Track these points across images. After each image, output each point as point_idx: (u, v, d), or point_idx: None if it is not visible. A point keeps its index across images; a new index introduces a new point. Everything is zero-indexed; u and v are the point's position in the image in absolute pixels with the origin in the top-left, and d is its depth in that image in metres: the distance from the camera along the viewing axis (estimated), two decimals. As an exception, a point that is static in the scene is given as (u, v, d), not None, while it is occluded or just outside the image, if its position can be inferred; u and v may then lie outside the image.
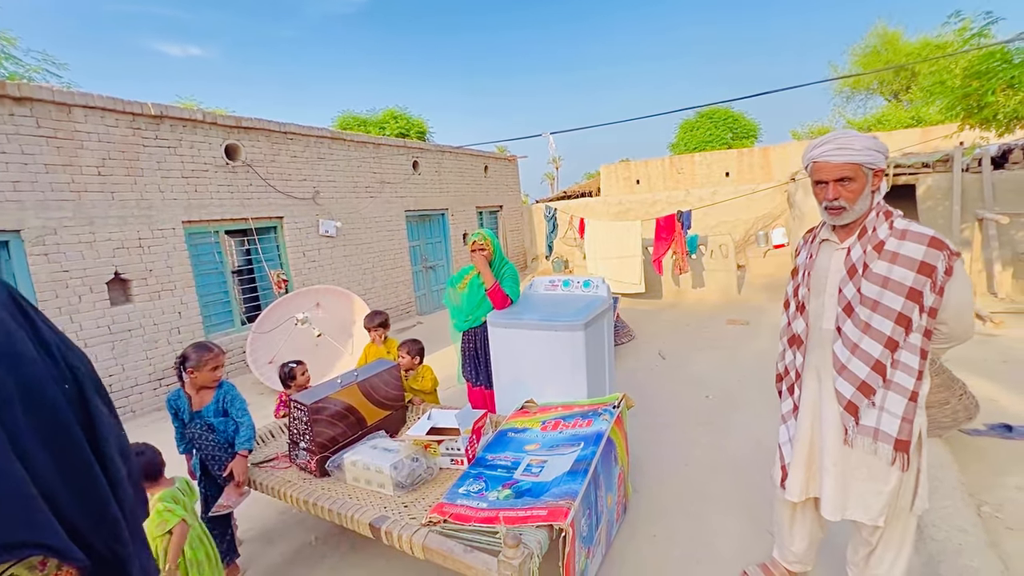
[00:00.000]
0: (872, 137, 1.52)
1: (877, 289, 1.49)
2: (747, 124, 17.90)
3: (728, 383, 4.40)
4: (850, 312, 1.54)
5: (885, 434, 1.52)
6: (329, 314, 5.89)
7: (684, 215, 7.66)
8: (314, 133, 6.76)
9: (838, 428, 1.61)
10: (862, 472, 1.59)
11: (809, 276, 1.69)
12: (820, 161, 1.54)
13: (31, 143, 4.21)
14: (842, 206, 1.52)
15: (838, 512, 1.64)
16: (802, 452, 1.75)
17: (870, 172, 1.51)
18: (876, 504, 1.58)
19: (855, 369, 1.54)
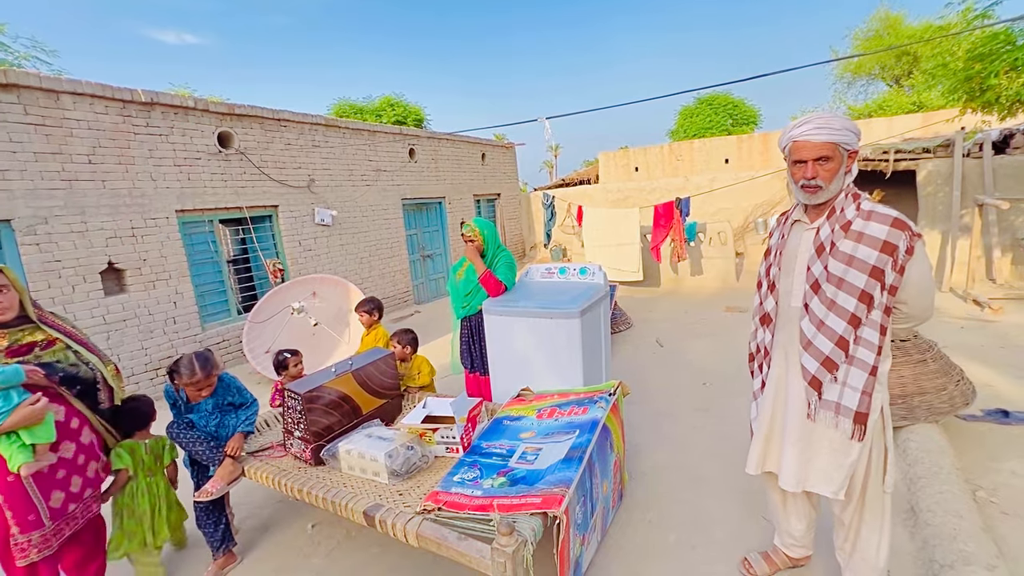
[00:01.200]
0: (849, 119, 1.57)
1: (842, 267, 1.53)
2: (747, 110, 17.73)
3: (725, 370, 4.40)
4: (817, 289, 1.59)
5: (846, 408, 1.58)
6: (326, 303, 5.87)
7: (683, 202, 7.61)
8: (308, 120, 6.67)
9: (802, 404, 1.67)
10: (824, 446, 1.65)
11: (780, 256, 1.74)
12: (801, 140, 1.58)
13: (19, 131, 4.14)
14: (819, 185, 1.56)
15: (799, 485, 1.71)
16: (763, 426, 1.81)
17: (846, 153, 1.56)
18: (837, 477, 1.64)
19: (820, 345, 1.59)
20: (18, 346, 1.90)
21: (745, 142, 13.42)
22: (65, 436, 1.96)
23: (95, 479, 2.11)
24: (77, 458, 2.02)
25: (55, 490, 1.92)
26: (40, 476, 1.88)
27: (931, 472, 2.44)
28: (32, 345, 1.93)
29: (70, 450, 1.98)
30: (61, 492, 1.94)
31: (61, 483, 1.95)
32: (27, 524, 1.84)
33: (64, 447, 1.96)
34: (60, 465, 1.95)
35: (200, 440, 2.33)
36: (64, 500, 1.95)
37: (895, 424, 2.84)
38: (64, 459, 1.96)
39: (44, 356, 1.96)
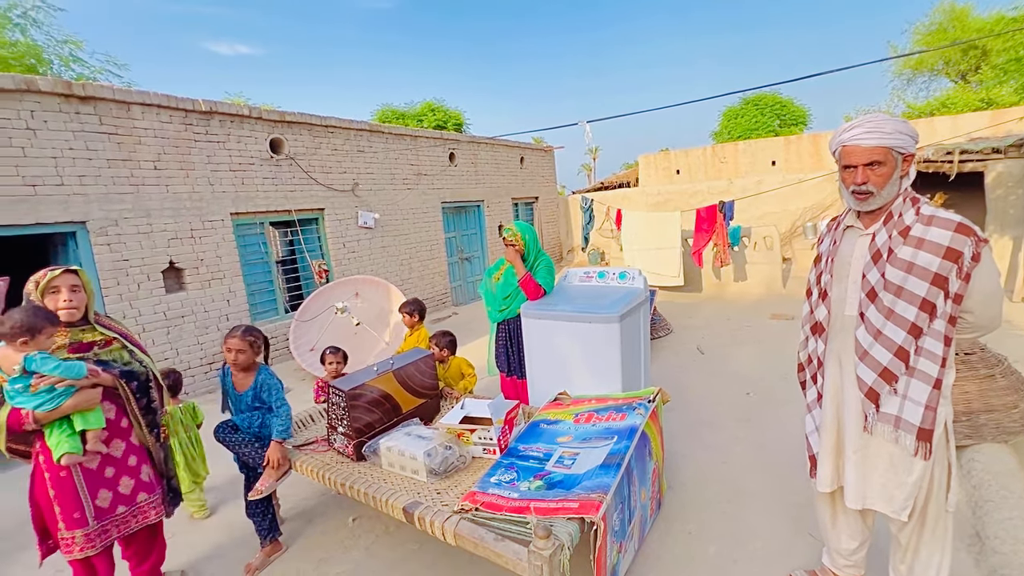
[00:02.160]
0: (903, 121, 1.50)
1: (901, 274, 1.46)
2: (796, 110, 17.05)
3: (771, 379, 4.24)
4: (873, 297, 1.53)
5: (907, 423, 1.50)
6: (367, 303, 6.04)
7: (726, 206, 7.40)
8: (354, 126, 6.90)
9: (859, 415, 1.60)
10: (882, 461, 1.58)
11: (832, 263, 1.68)
12: (850, 145, 1.52)
13: (95, 139, 4.48)
14: (870, 191, 1.50)
15: (860, 501, 1.63)
16: (829, 440, 1.74)
17: (900, 157, 1.49)
18: (899, 495, 1.56)
19: (877, 355, 1.52)
20: (79, 344, 1.96)
21: (793, 143, 12.90)
22: (115, 435, 2.01)
23: (149, 484, 2.11)
24: (127, 458, 2.04)
25: (102, 488, 1.96)
26: (88, 472, 1.92)
27: (1000, 496, 2.27)
28: (91, 344, 2.00)
29: (119, 449, 2.02)
30: (109, 491, 1.97)
31: (109, 482, 1.98)
32: (72, 521, 1.88)
33: (114, 445, 2.00)
34: (108, 462, 1.98)
35: (246, 442, 2.45)
36: (112, 500, 1.98)
37: (958, 443, 2.66)
38: (113, 457, 2.00)
39: (102, 355, 2.02)
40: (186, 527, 2.84)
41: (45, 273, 1.91)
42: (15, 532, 2.89)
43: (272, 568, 2.47)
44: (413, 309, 3.73)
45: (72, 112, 4.34)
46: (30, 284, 1.91)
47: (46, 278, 1.89)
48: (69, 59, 10.95)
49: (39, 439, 1.87)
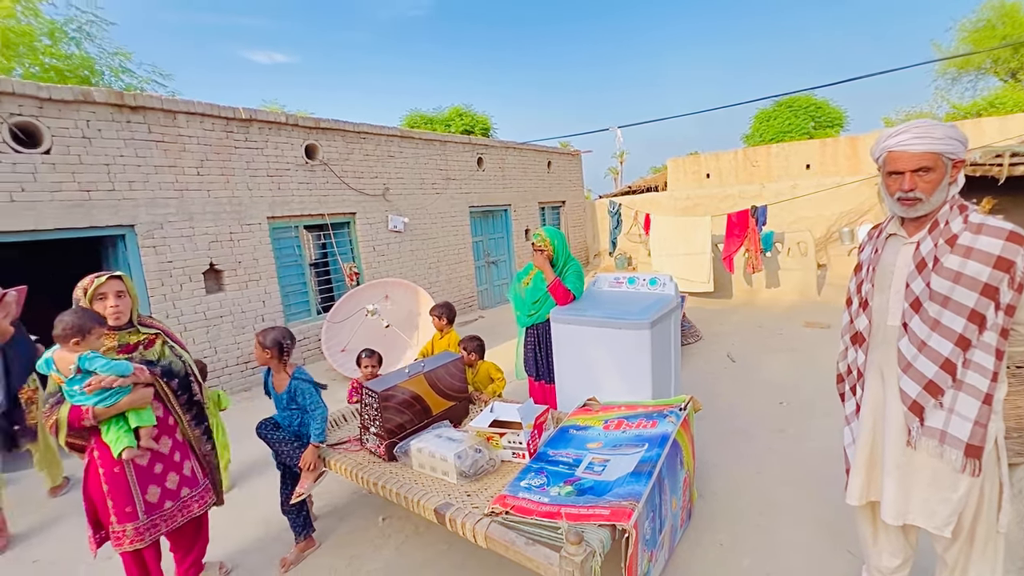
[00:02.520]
0: (953, 126, 1.46)
1: (948, 284, 1.42)
2: (831, 112, 16.54)
3: (805, 389, 4.13)
4: (918, 308, 1.48)
5: (954, 438, 1.45)
6: (397, 306, 6.14)
7: (759, 210, 7.24)
8: (385, 132, 7.04)
9: (901, 429, 1.55)
10: (925, 476, 1.53)
11: (874, 271, 1.63)
12: (897, 151, 1.48)
13: (144, 147, 4.71)
14: (918, 197, 1.47)
15: (900, 517, 1.58)
16: (863, 453, 1.70)
17: (949, 163, 1.45)
18: (942, 511, 1.51)
19: (921, 367, 1.47)
20: (126, 346, 2.07)
21: (829, 146, 12.53)
22: (163, 431, 2.11)
23: (192, 478, 2.20)
24: (173, 454, 2.14)
25: (152, 484, 2.06)
26: (139, 469, 2.01)
27: (1056, 518, 2.16)
28: (136, 345, 2.10)
29: (167, 445, 2.12)
30: (157, 487, 2.07)
31: (158, 478, 2.08)
32: (124, 515, 1.97)
33: (162, 441, 2.10)
34: (157, 459, 2.08)
35: (285, 441, 2.53)
36: (160, 496, 2.08)
37: (1011, 460, 2.53)
38: (160, 453, 2.09)
39: (147, 355, 2.11)
40: (223, 520, 2.94)
41: (92, 280, 1.99)
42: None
43: (305, 563, 2.54)
44: (443, 312, 3.77)
45: (124, 121, 4.57)
46: (78, 291, 1.99)
47: (93, 285, 1.98)
48: (119, 70, 11.53)
49: (95, 436, 1.97)
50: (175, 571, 2.30)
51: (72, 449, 2.01)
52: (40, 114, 4.12)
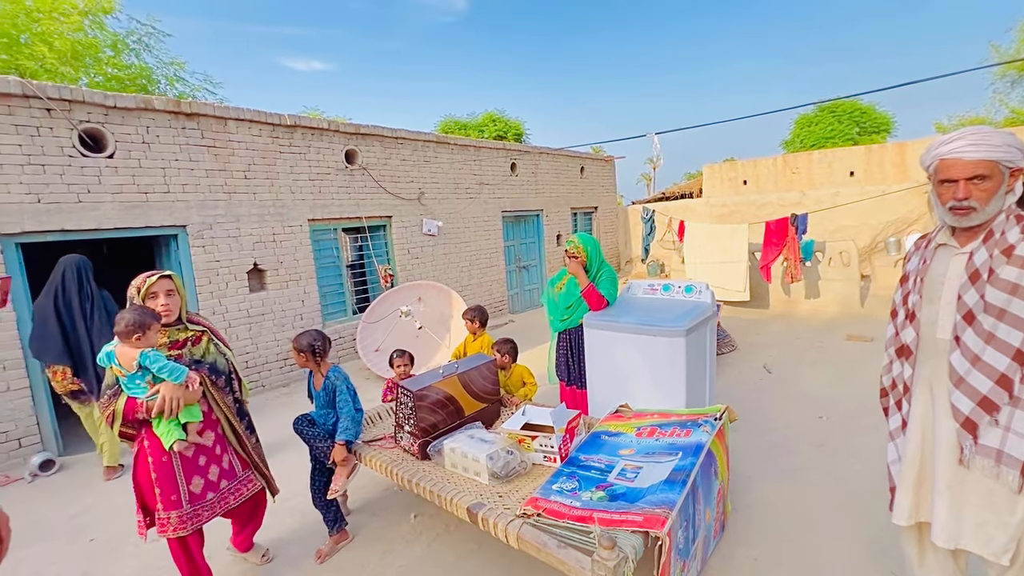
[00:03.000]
0: (1011, 133, 1.41)
1: (1005, 296, 1.37)
2: (878, 117, 15.92)
3: (846, 404, 3.98)
4: (971, 320, 1.43)
5: (1011, 457, 1.38)
6: (429, 308, 6.25)
7: (799, 218, 7.04)
8: (421, 138, 7.19)
9: (953, 446, 1.49)
10: (979, 498, 1.46)
11: (922, 282, 1.58)
12: (950, 158, 1.45)
13: (197, 152, 4.97)
14: (972, 206, 1.42)
15: (952, 540, 1.51)
16: (911, 471, 1.63)
17: (1007, 171, 1.41)
18: (1000, 537, 1.43)
19: (975, 382, 1.42)
20: (175, 342, 2.17)
21: (875, 153, 12.06)
22: (206, 426, 2.21)
23: (230, 471, 2.29)
24: (215, 447, 2.23)
25: (196, 475, 2.15)
26: (185, 460, 2.11)
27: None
28: (185, 341, 2.20)
29: (210, 439, 2.21)
30: (201, 479, 2.17)
31: (201, 470, 2.18)
32: (169, 503, 2.07)
33: (206, 435, 2.19)
34: (201, 451, 2.18)
35: (319, 437, 2.62)
36: (203, 487, 2.17)
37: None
38: (205, 447, 2.18)
39: (194, 351, 2.21)
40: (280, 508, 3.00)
41: (144, 279, 2.10)
42: (121, 502, 3.21)
43: (340, 556, 2.62)
44: (475, 315, 3.82)
45: (179, 127, 4.84)
46: (132, 289, 2.11)
47: (146, 284, 2.08)
48: (173, 79, 12.18)
49: (146, 427, 2.08)
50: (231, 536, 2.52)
51: (123, 438, 2.13)
52: (106, 121, 4.40)
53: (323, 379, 2.65)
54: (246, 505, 2.39)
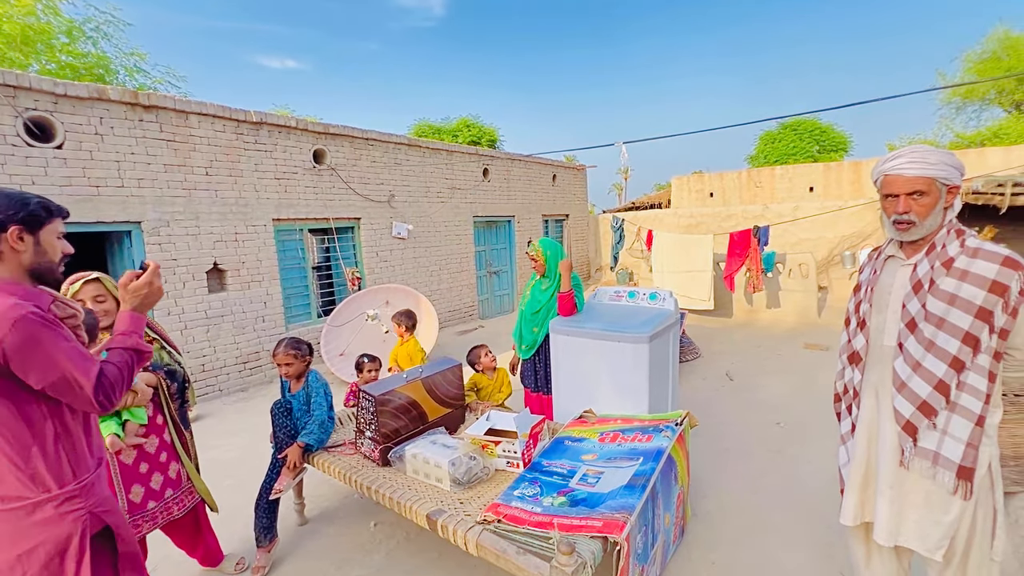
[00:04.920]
0: (949, 152, 1.49)
1: (943, 306, 1.44)
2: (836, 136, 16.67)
3: (802, 411, 4.11)
4: (913, 328, 1.50)
5: (947, 459, 1.46)
6: (397, 312, 6.15)
7: (761, 231, 7.27)
8: (392, 140, 7.12)
9: (895, 449, 1.56)
10: (918, 497, 1.53)
11: (872, 292, 1.66)
12: (892, 174, 1.52)
13: (155, 145, 4.77)
14: (912, 220, 1.50)
15: (892, 538, 1.58)
16: (858, 473, 1.70)
17: (944, 188, 1.49)
18: (934, 534, 1.51)
19: (916, 387, 1.49)
20: None
21: (833, 170, 12.61)
22: (151, 430, 2.07)
23: (176, 480, 2.16)
24: (159, 454, 2.09)
25: (135, 484, 2.01)
26: (124, 468, 1.97)
27: (1051, 548, 2.14)
28: None
29: (153, 445, 2.08)
30: (142, 487, 2.03)
31: (143, 477, 2.04)
32: None
33: (150, 441, 2.06)
34: (143, 458, 2.04)
35: (286, 428, 2.55)
36: (144, 496, 2.03)
37: (1007, 489, 2.52)
38: (147, 453, 2.04)
39: None
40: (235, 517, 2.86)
41: (67, 285, 1.95)
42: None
43: (295, 566, 2.52)
44: (402, 319, 3.88)
45: (136, 120, 4.64)
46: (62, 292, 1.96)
47: (70, 291, 1.94)
48: (133, 70, 11.70)
49: None
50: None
51: None
52: (55, 109, 4.18)
53: (300, 384, 2.61)
54: (187, 520, 2.26)
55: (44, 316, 1.22)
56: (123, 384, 1.31)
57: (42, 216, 1.33)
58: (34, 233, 1.31)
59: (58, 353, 1.20)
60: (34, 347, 1.17)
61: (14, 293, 1.23)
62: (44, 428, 1.25)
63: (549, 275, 3.27)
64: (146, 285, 1.45)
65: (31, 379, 1.19)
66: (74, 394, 1.22)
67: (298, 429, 2.59)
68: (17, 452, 1.21)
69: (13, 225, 1.26)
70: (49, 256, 1.34)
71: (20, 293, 1.24)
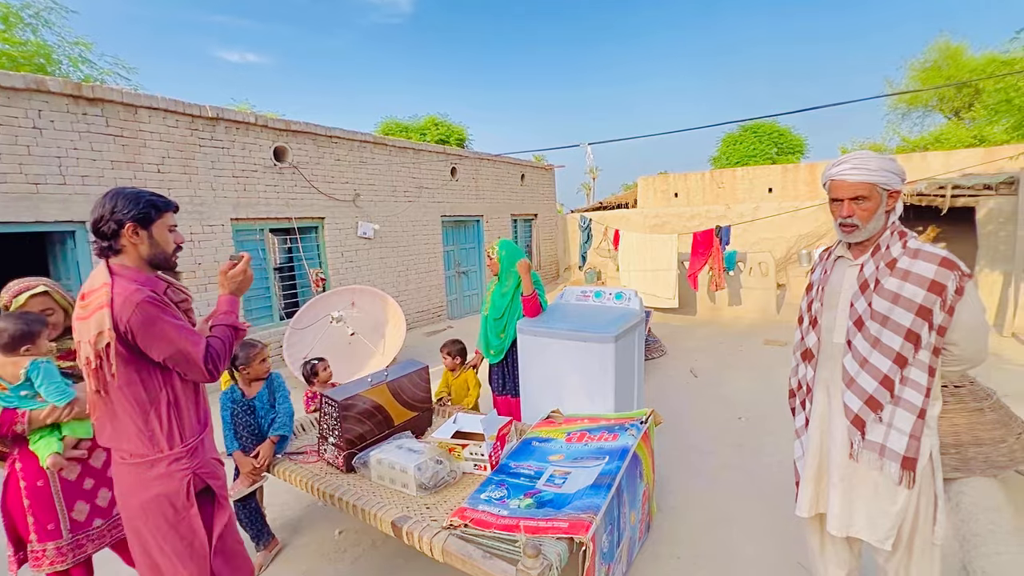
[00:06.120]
0: (890, 159, 1.56)
1: (887, 304, 1.51)
2: (793, 139, 17.34)
3: (762, 405, 4.25)
4: (860, 326, 1.57)
5: (892, 451, 1.53)
6: (363, 314, 6.03)
7: (723, 230, 7.48)
8: (357, 137, 6.97)
9: (845, 442, 1.62)
10: (867, 489, 1.60)
11: (823, 291, 1.72)
12: (837, 179, 1.59)
13: (100, 141, 4.51)
14: (855, 224, 1.56)
15: (843, 529, 1.65)
16: (812, 466, 1.76)
17: (885, 192, 1.55)
18: (883, 525, 1.57)
19: (863, 383, 1.55)
20: (66, 352, 1.91)
21: (790, 172, 13.10)
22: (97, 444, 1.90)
23: None
24: (107, 469, 1.94)
25: (80, 500, 1.89)
26: (66, 484, 1.85)
27: (987, 531, 2.28)
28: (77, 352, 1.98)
29: (100, 459, 1.94)
30: (86, 504, 1.90)
31: (87, 494, 1.91)
32: (45, 533, 1.80)
33: (96, 455, 1.92)
34: (88, 473, 1.91)
35: (251, 427, 2.50)
36: (89, 513, 1.91)
37: (946, 475, 2.67)
38: (93, 468, 1.92)
39: None
40: None
41: (11, 297, 1.84)
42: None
43: (255, 579, 2.43)
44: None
45: (80, 113, 4.38)
46: (4, 298, 1.85)
47: (14, 304, 1.83)
48: (78, 60, 11.05)
49: (19, 445, 1.81)
50: None
51: None
52: (-13, 101, 3.90)
53: (259, 386, 2.57)
54: None
55: (160, 300, 1.46)
56: (226, 355, 1.58)
57: (152, 213, 1.53)
58: (147, 228, 1.52)
59: (171, 330, 1.45)
60: (152, 325, 1.42)
61: (136, 280, 1.47)
62: (159, 396, 1.50)
63: (502, 276, 3.24)
64: (241, 273, 1.71)
65: (153, 352, 1.44)
66: (189, 364, 1.48)
67: (262, 427, 2.54)
68: (139, 415, 1.47)
69: (128, 223, 1.48)
70: (163, 247, 1.57)
71: (140, 280, 1.48)
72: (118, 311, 1.39)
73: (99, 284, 1.44)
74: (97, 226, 1.49)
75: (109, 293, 1.41)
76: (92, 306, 1.42)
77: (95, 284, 1.45)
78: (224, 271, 1.70)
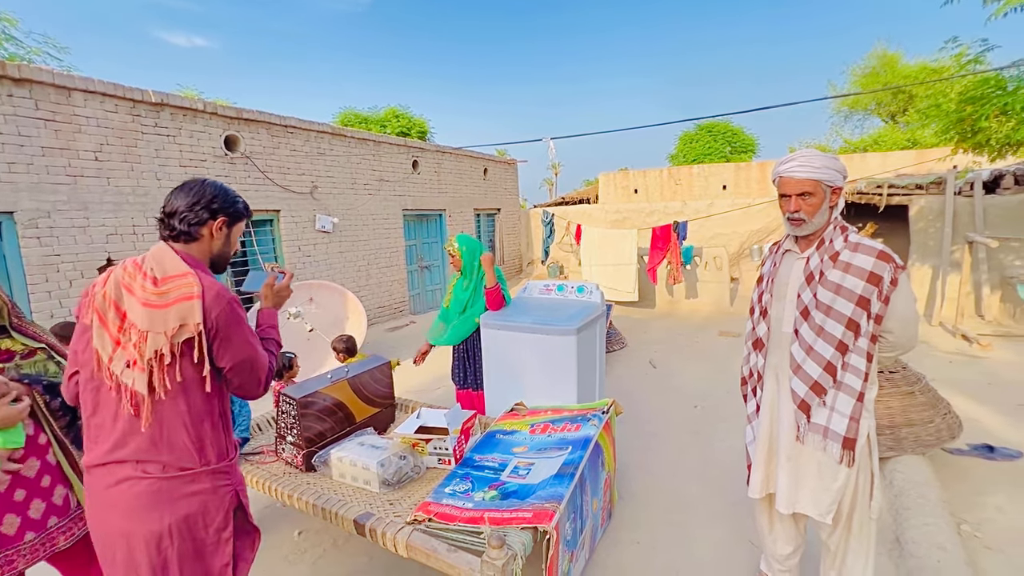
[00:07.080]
0: (834, 158, 1.66)
1: (831, 295, 1.61)
2: (746, 139, 18.07)
3: (716, 394, 4.43)
4: (806, 316, 1.66)
5: (834, 432, 1.64)
6: (322, 309, 5.87)
7: (680, 226, 7.72)
8: (314, 128, 6.75)
9: (792, 425, 1.73)
10: (812, 468, 1.70)
11: (772, 283, 1.82)
12: (785, 176, 1.68)
13: (28, 125, 4.18)
14: (801, 218, 1.66)
15: (790, 506, 1.76)
16: (762, 449, 1.86)
17: (828, 189, 1.65)
18: (825, 500, 1.68)
19: (809, 370, 1.65)
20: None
21: (743, 170, 13.65)
22: (31, 452, 1.77)
23: (63, 507, 1.87)
24: (41, 478, 1.79)
25: (9, 513, 1.72)
26: None
27: (917, 504, 2.47)
28: (12, 354, 1.78)
29: (33, 468, 1.77)
30: (16, 516, 1.73)
31: (18, 506, 1.74)
32: None
33: (28, 463, 1.76)
34: (19, 484, 1.74)
35: None
36: (20, 526, 1.74)
37: (882, 455, 2.87)
38: (25, 478, 1.75)
39: (24, 366, 1.79)
40: None
41: None
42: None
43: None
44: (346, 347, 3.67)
45: (4, 95, 4.04)
46: None
47: None
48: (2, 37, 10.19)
49: None
50: None
51: None
52: None
53: None
54: (78, 549, 1.97)
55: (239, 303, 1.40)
56: (274, 370, 1.52)
57: (242, 215, 1.52)
58: (231, 227, 1.50)
59: (250, 336, 1.41)
60: (237, 326, 1.36)
61: (208, 275, 1.41)
62: (213, 404, 1.40)
63: (466, 273, 3.23)
64: (286, 288, 1.71)
65: (225, 356, 1.35)
66: (251, 375, 1.41)
67: None
68: (193, 420, 1.36)
69: (222, 215, 1.44)
70: (231, 249, 1.53)
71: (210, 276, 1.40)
72: (209, 305, 1.30)
73: (179, 271, 1.32)
74: (190, 209, 1.41)
75: (199, 284, 1.30)
76: (173, 295, 1.30)
77: (171, 271, 1.33)
78: (270, 284, 1.67)
